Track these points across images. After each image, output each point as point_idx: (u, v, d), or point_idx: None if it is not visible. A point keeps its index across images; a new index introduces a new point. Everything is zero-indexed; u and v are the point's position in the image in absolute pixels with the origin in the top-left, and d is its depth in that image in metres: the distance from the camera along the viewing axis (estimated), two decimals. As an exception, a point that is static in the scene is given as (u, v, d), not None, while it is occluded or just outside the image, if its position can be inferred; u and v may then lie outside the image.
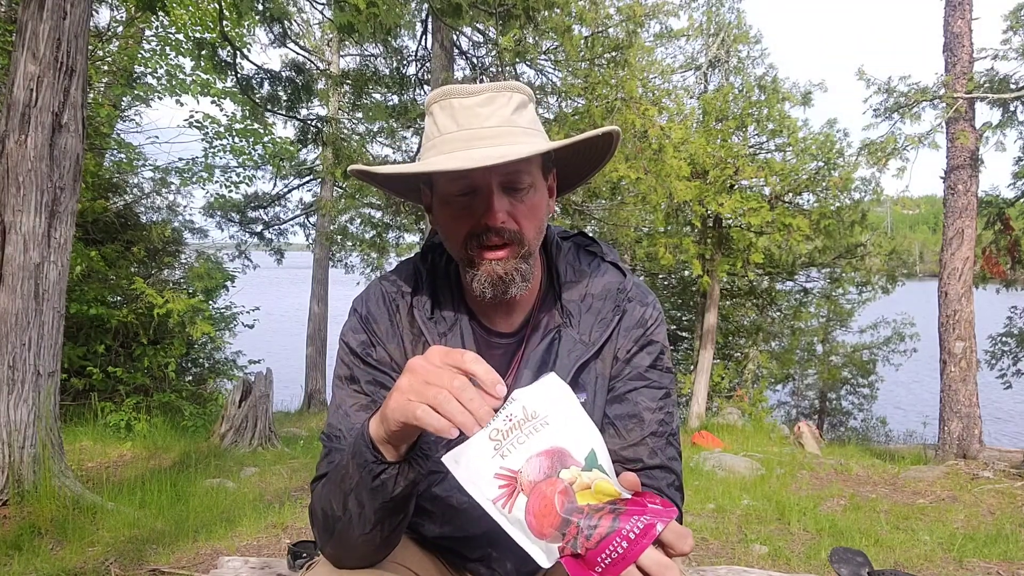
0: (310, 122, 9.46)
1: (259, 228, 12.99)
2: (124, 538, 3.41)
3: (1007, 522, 4.94)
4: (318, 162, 12.37)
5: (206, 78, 10.45)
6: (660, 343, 1.13)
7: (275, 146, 11.63)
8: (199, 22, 9.91)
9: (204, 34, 9.45)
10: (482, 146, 0.99)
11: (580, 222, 11.78)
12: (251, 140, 11.35)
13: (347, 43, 12.36)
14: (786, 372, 17.24)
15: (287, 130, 15.49)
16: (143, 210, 9.21)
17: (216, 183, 11.55)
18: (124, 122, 10.21)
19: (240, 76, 7.47)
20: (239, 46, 7.85)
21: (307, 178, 13.28)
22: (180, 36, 10.01)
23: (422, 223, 11.86)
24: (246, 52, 9.51)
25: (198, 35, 9.48)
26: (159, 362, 7.51)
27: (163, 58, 10.27)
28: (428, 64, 9.62)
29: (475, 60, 10.05)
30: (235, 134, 11.14)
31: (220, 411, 6.69)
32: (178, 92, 10.53)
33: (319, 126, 9.41)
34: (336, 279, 13.98)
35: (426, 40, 9.62)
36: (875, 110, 9.39)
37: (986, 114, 38.63)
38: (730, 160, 11.99)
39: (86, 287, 7.08)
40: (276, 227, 13.30)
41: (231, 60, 7.12)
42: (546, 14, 8.04)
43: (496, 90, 1.02)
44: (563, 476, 0.72)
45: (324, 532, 0.98)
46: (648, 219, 13.01)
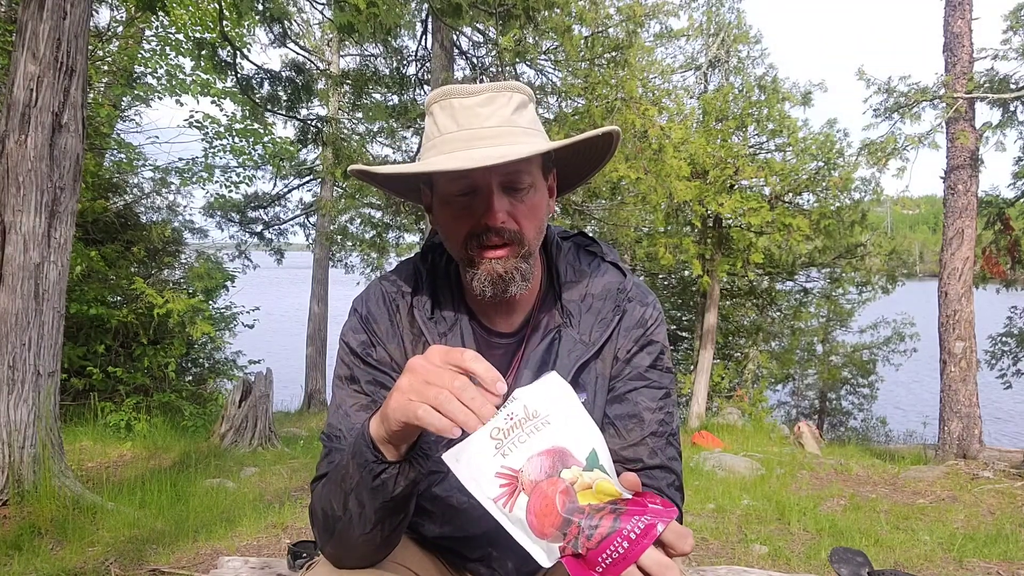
0: (310, 122, 9.45)
1: (259, 228, 13.00)
2: (124, 538, 3.41)
3: (1007, 522, 4.94)
4: (318, 162, 12.37)
5: (206, 78, 10.45)
6: (660, 343, 1.13)
7: (275, 146, 11.62)
8: (199, 22, 9.91)
9: (204, 34, 9.44)
10: (482, 146, 0.99)
11: (580, 222, 11.77)
12: (251, 140, 11.35)
13: (347, 43, 12.36)
14: (786, 372, 17.24)
15: (287, 130, 15.49)
16: (143, 210, 9.22)
17: (216, 183, 11.56)
18: (124, 122, 10.22)
19: (240, 76, 7.47)
20: (239, 46, 7.84)
21: (307, 178, 13.29)
22: (180, 36, 10.01)
23: (422, 223, 11.86)
24: (246, 52, 9.51)
25: (198, 35, 9.48)
26: (159, 362, 7.51)
27: (163, 58, 10.27)
28: (428, 64, 9.62)
29: (475, 60, 10.05)
30: (235, 134, 11.13)
31: (220, 411, 6.69)
32: (178, 92, 10.53)
33: (319, 126, 9.41)
34: (336, 279, 13.98)
35: (426, 40, 9.62)
36: (875, 110, 9.39)
37: (986, 114, 38.68)
38: (730, 160, 11.99)
39: (86, 287, 7.09)
40: (276, 227, 13.31)
41: (231, 60, 7.13)
42: (546, 14, 8.04)
43: (496, 90, 1.02)
44: (564, 476, 0.72)
45: (324, 532, 0.98)
46: (648, 219, 13.01)
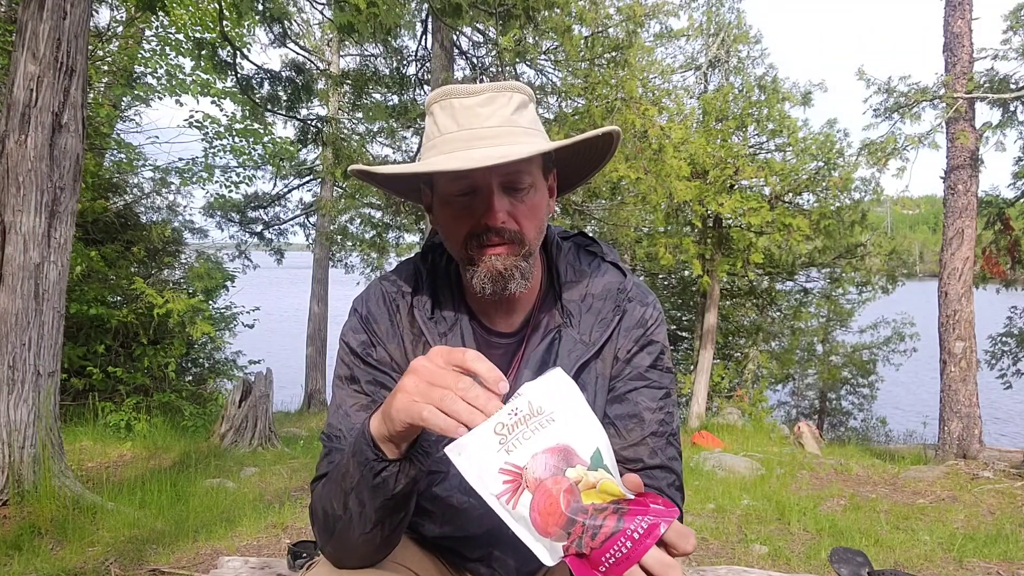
0: (310, 122, 9.45)
1: (259, 228, 13.00)
2: (124, 538, 3.41)
3: (1007, 522, 4.94)
4: (318, 162, 12.37)
5: (206, 78, 10.44)
6: (660, 343, 1.13)
7: (275, 146, 11.62)
8: (199, 22, 9.90)
9: (204, 34, 9.43)
10: (483, 146, 0.99)
11: (580, 222, 11.77)
12: (251, 140, 11.34)
13: (347, 43, 12.36)
14: (786, 372, 17.24)
15: (287, 130, 15.51)
16: (143, 210, 9.22)
17: (216, 183, 11.55)
18: (124, 122, 10.22)
19: (240, 76, 7.47)
20: (239, 46, 7.85)
21: (307, 178, 13.29)
22: (180, 36, 10.00)
23: (422, 223, 11.86)
24: (246, 52, 9.52)
25: (198, 35, 9.46)
26: (159, 362, 7.51)
27: (163, 58, 10.27)
28: (428, 64, 9.62)
29: (475, 60, 10.05)
30: (235, 134, 11.13)
31: (220, 411, 6.69)
32: (178, 92, 10.53)
33: (319, 126, 9.41)
34: (336, 279, 13.98)
35: (426, 40, 9.62)
36: (875, 110, 9.39)
37: (986, 114, 38.71)
38: (730, 160, 11.99)
39: (86, 287, 7.08)
40: (276, 227, 13.31)
41: (231, 60, 7.13)
42: (546, 14, 8.04)
43: (496, 90, 1.02)
44: (569, 475, 0.72)
45: (324, 532, 0.98)
46: (648, 219, 13.01)
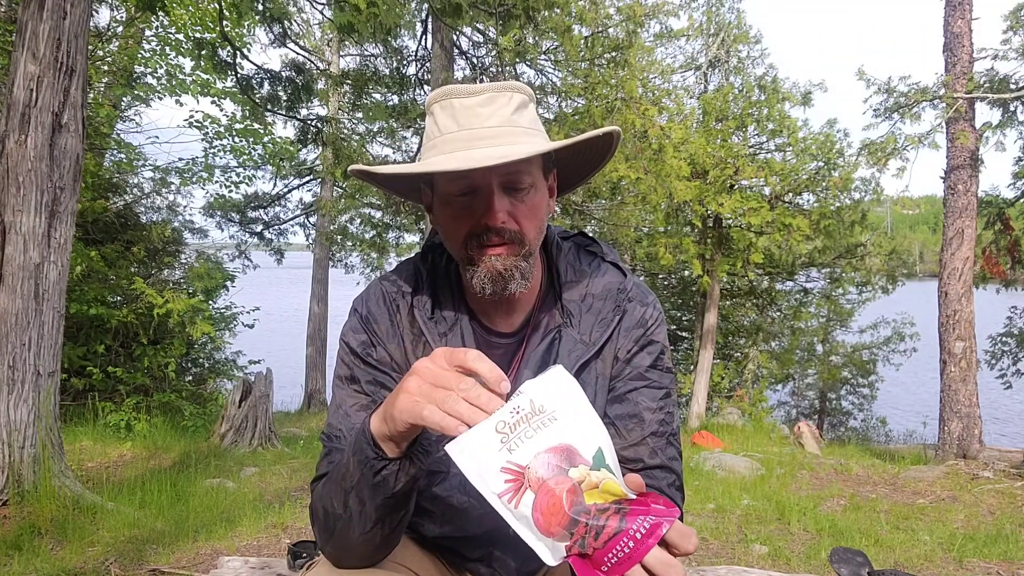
0: (310, 122, 9.45)
1: (259, 228, 13.00)
2: (124, 538, 3.41)
3: (1007, 522, 4.94)
4: (318, 162, 12.37)
5: (206, 78, 10.44)
6: (660, 343, 1.13)
7: (275, 146, 11.62)
8: (199, 22, 9.90)
9: (204, 34, 9.43)
10: (483, 146, 0.99)
11: (580, 222, 11.77)
12: (251, 140, 11.34)
13: (347, 43, 12.36)
14: (786, 372, 17.23)
15: (287, 130, 15.52)
16: (143, 210, 9.22)
17: (216, 183, 11.55)
18: (124, 122, 10.22)
19: (240, 76, 7.47)
20: (239, 46, 7.84)
21: (307, 178, 13.29)
22: (180, 36, 10.00)
23: (422, 223, 11.86)
24: (246, 52, 9.52)
25: (198, 35, 9.46)
26: (159, 362, 7.51)
27: (163, 58, 10.27)
28: (428, 64, 9.62)
29: (475, 60, 10.05)
30: (235, 134, 11.13)
31: (220, 411, 6.69)
32: (178, 92, 10.53)
33: (319, 126, 9.41)
34: (336, 279, 13.98)
35: (426, 40, 9.62)
36: (875, 110, 9.39)
37: (986, 114, 38.71)
38: (730, 160, 11.99)
39: (86, 287, 7.08)
40: (276, 227, 13.31)
41: (231, 60, 7.13)
42: (546, 14, 8.04)
43: (497, 90, 1.02)
44: (572, 475, 0.71)
45: (324, 531, 0.98)
46: (648, 219, 13.01)
